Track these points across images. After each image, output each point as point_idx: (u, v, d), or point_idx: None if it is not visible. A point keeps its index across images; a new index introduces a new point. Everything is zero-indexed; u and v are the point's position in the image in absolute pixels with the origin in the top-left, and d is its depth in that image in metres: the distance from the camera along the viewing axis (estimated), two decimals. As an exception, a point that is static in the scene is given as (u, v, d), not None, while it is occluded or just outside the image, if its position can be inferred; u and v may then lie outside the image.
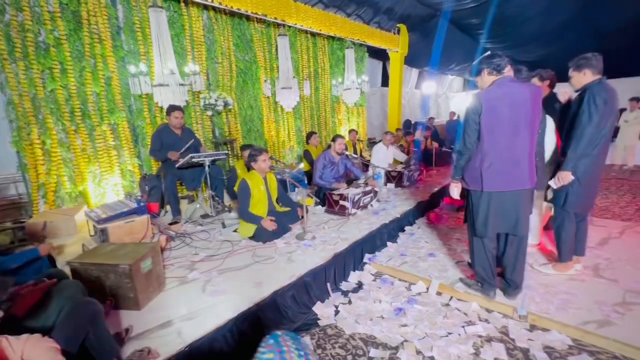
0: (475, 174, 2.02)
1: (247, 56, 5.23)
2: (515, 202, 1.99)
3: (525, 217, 2.04)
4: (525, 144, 1.95)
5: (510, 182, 1.96)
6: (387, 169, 4.81)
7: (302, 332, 2.05)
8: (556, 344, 1.87)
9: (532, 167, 1.99)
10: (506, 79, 1.95)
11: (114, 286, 1.88)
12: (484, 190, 2.00)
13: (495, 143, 1.94)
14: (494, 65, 1.95)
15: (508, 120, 1.90)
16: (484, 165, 1.97)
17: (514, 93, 1.91)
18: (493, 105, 1.91)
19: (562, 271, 2.45)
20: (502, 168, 1.95)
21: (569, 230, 2.35)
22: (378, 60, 9.35)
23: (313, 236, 2.96)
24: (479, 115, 1.93)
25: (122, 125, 3.86)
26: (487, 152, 1.96)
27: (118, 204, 2.81)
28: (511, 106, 1.90)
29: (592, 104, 2.07)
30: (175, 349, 1.61)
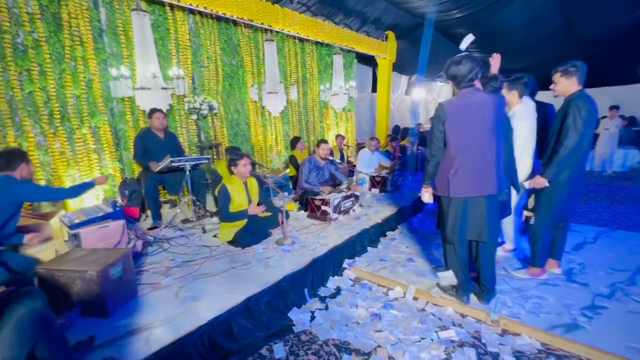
0: (443, 180, 2.07)
1: (234, 60, 5.23)
2: (481, 208, 2.02)
3: (493, 223, 2.07)
4: (488, 152, 1.98)
5: (476, 189, 1.99)
6: (372, 174, 4.84)
7: (276, 339, 2.04)
8: (525, 348, 1.89)
9: (497, 174, 2.02)
10: (470, 89, 1.99)
11: (81, 293, 1.84)
12: (451, 197, 2.03)
13: (460, 150, 1.99)
14: (456, 79, 1.99)
15: (471, 128, 1.96)
16: (450, 171, 2.02)
17: (476, 103, 1.96)
18: (456, 114, 1.96)
19: (535, 276, 2.48)
20: (467, 175, 1.99)
21: (546, 237, 2.40)
22: (368, 67, 9.46)
23: (292, 241, 2.95)
24: (443, 124, 1.99)
25: (103, 128, 3.81)
26: (452, 159, 2.01)
27: (93, 209, 2.77)
28: (473, 115, 1.95)
29: (578, 117, 2.11)
30: (141, 357, 1.58)
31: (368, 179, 4.81)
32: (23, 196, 2.09)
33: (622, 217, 4.00)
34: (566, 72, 2.22)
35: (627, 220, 3.88)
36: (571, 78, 2.21)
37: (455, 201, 2.04)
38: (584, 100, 2.14)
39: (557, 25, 6.98)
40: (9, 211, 1.99)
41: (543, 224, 2.37)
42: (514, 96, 2.56)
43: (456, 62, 1.97)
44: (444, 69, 2.03)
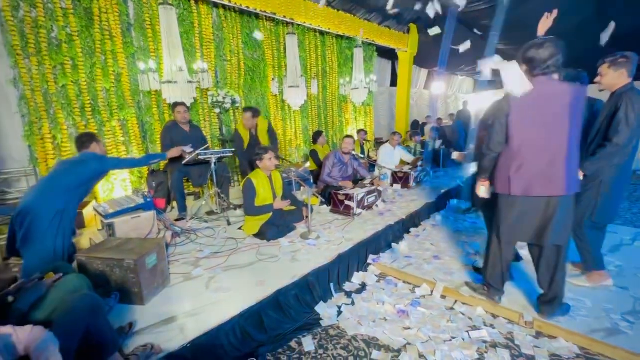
0: (503, 177, 1.91)
1: (256, 54, 5.24)
2: (547, 209, 1.83)
3: (562, 225, 1.85)
4: (559, 148, 1.77)
5: (541, 188, 1.81)
6: (394, 169, 4.77)
7: (304, 332, 2.05)
8: (563, 351, 1.83)
9: (568, 173, 1.79)
10: (545, 78, 1.76)
11: (119, 281, 1.90)
12: (512, 195, 1.87)
13: (525, 146, 1.81)
14: (534, 65, 1.75)
15: (540, 122, 1.76)
16: (512, 168, 1.85)
17: (549, 94, 1.76)
18: (523, 106, 1.77)
19: (598, 283, 2.31)
20: (532, 172, 1.81)
21: (594, 238, 2.27)
22: (387, 60, 9.29)
23: (317, 236, 2.95)
24: (507, 116, 1.81)
25: (131, 121, 3.90)
26: (515, 155, 1.84)
27: (125, 200, 2.84)
28: (545, 108, 1.76)
29: (631, 112, 1.96)
30: (178, 345, 1.62)
31: (390, 174, 4.75)
32: (107, 164, 2.43)
33: (660, 219, 3.81)
34: (615, 63, 2.06)
35: (666, 222, 3.70)
36: (620, 70, 2.06)
37: (515, 200, 1.88)
38: (636, 93, 1.99)
39: (587, 16, 6.63)
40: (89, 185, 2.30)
41: (587, 225, 2.24)
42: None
43: (538, 44, 1.74)
44: (522, 50, 1.80)
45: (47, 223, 1.99)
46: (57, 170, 2.20)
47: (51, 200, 2.03)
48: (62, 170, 2.17)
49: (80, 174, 2.19)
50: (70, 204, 2.12)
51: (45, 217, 1.99)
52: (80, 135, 2.48)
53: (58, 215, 2.04)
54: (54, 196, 2.05)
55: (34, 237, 1.96)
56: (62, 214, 2.06)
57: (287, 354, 1.88)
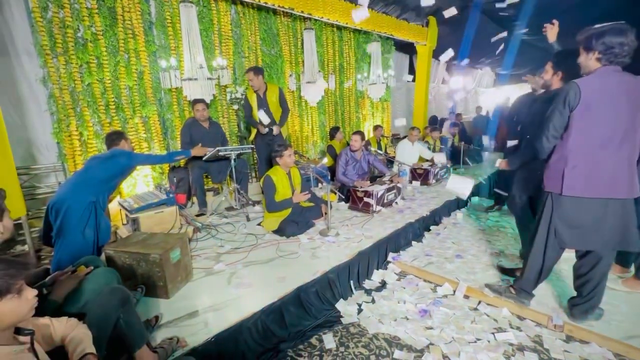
0: (556, 173, 1.75)
1: (273, 50, 5.23)
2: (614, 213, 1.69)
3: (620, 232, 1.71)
4: (628, 146, 1.64)
5: (602, 189, 1.67)
6: (413, 166, 4.69)
7: (325, 329, 2.04)
8: (596, 357, 1.75)
9: (632, 175, 1.67)
10: (613, 68, 1.60)
11: (145, 274, 1.95)
12: (564, 195, 1.73)
13: (588, 141, 1.66)
14: (612, 52, 1.57)
15: (609, 117, 1.61)
16: (568, 165, 1.70)
17: (618, 87, 1.61)
18: (593, 98, 1.61)
19: (634, 289, 2.18)
20: (592, 172, 1.67)
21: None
22: (405, 54, 9.11)
23: (337, 233, 2.94)
24: (574, 107, 1.63)
25: (152, 118, 3.98)
26: (574, 151, 1.69)
27: (149, 195, 2.91)
28: (617, 100, 1.60)
29: None
30: (202, 339, 1.64)
31: (409, 170, 4.67)
32: (135, 160, 2.51)
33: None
34: None
35: None
36: None
37: (568, 200, 1.74)
38: None
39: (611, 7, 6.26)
40: (117, 179, 2.40)
41: None
42: None
43: (618, 30, 1.55)
44: (591, 34, 1.61)
45: (79, 215, 2.06)
46: (89, 165, 2.29)
47: (84, 193, 2.11)
48: (94, 165, 2.26)
49: (110, 168, 2.27)
50: (100, 197, 2.20)
51: (78, 209, 2.07)
52: (110, 133, 2.58)
53: (89, 207, 2.12)
54: (86, 189, 2.13)
55: (67, 229, 2.04)
56: (93, 207, 2.13)
57: (308, 351, 1.88)
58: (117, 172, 2.32)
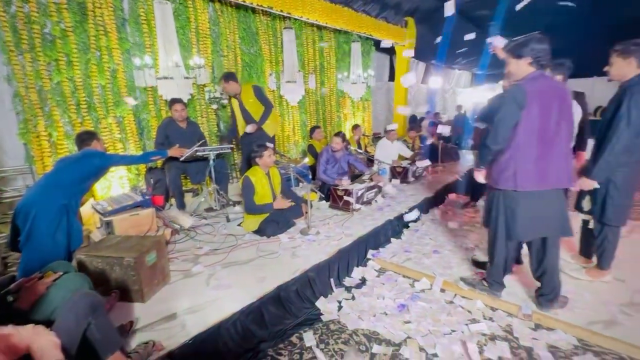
0: (507, 172, 1.86)
1: (253, 49, 5.18)
2: (555, 201, 1.88)
3: (565, 217, 1.92)
4: (563, 142, 1.83)
5: (547, 181, 1.83)
6: (392, 164, 4.77)
7: (305, 327, 2.06)
8: (561, 343, 1.85)
9: (567, 167, 1.87)
10: (541, 72, 1.80)
11: (119, 279, 1.90)
12: (518, 190, 1.85)
13: (532, 139, 1.79)
14: (539, 57, 1.77)
15: (546, 115, 1.77)
16: (519, 162, 1.83)
17: (551, 89, 1.80)
18: (534, 99, 1.75)
19: (596, 278, 2.32)
20: (538, 167, 1.81)
21: (613, 242, 2.22)
22: (385, 54, 9.24)
23: (317, 231, 2.96)
24: (522, 109, 1.75)
25: (127, 118, 3.87)
26: (522, 148, 1.81)
27: (124, 197, 2.83)
28: (552, 101, 1.78)
29: (634, 108, 1.86)
30: (179, 341, 1.62)
31: (388, 169, 4.75)
32: (108, 160, 2.46)
33: (656, 211, 3.84)
34: (624, 51, 1.95)
35: (662, 214, 3.72)
36: (629, 58, 1.93)
37: (524, 195, 1.86)
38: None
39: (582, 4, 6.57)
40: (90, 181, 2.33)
41: (607, 229, 2.20)
42: None
43: (538, 39, 1.78)
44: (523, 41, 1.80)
45: (49, 219, 1.99)
46: (58, 167, 2.20)
47: (54, 196, 2.03)
48: (64, 167, 2.18)
49: (81, 169, 2.20)
50: (72, 199, 2.12)
51: (48, 213, 1.99)
52: (81, 133, 2.49)
53: (60, 210, 2.04)
54: (57, 191, 2.05)
55: (36, 233, 1.96)
56: (64, 210, 2.05)
57: (289, 349, 1.89)
58: (90, 174, 2.25)
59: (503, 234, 1.99)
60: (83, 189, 2.25)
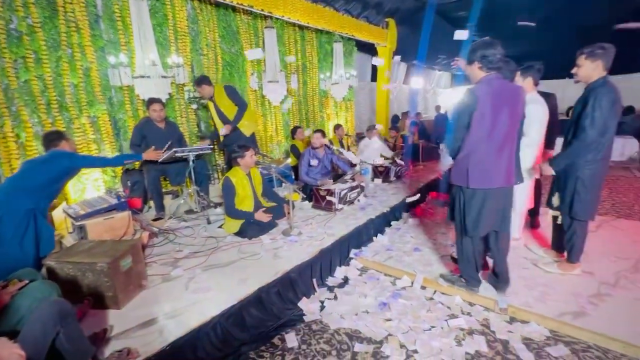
0: (461, 170, 1.99)
1: (234, 48, 5.11)
2: (502, 198, 2.00)
3: (510, 212, 2.08)
4: (511, 143, 1.95)
5: (496, 180, 1.94)
6: (375, 164, 4.82)
7: (287, 329, 2.05)
8: (534, 335, 1.92)
9: (517, 166, 2.01)
10: (494, 75, 1.91)
11: (92, 285, 1.83)
12: (470, 187, 1.96)
13: (484, 140, 1.90)
14: (487, 61, 1.88)
15: (496, 119, 1.87)
16: (471, 161, 1.94)
17: (505, 91, 1.90)
18: (486, 102, 1.85)
19: (567, 271, 2.41)
20: (489, 165, 1.92)
21: (581, 235, 2.32)
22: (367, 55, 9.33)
23: (299, 232, 2.95)
24: (472, 113, 1.87)
25: (102, 118, 3.73)
26: (474, 149, 1.92)
27: (97, 200, 2.73)
28: (502, 104, 1.87)
29: (598, 109, 1.98)
30: (156, 348, 1.58)
31: (371, 169, 4.79)
32: (78, 161, 2.38)
33: (622, 206, 4.05)
34: (592, 54, 2.04)
35: (627, 209, 3.94)
36: (597, 61, 2.03)
37: (477, 192, 1.97)
38: (607, 90, 2.01)
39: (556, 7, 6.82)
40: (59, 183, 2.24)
41: (575, 224, 2.31)
42: (528, 84, 2.52)
43: (488, 43, 1.87)
44: (472, 47, 1.92)
45: (15, 224, 1.89)
46: (24, 169, 2.09)
47: (21, 200, 1.93)
48: (29, 169, 2.08)
49: (49, 171, 2.10)
50: (40, 203, 2.02)
51: (14, 218, 1.89)
52: (48, 133, 2.38)
53: (27, 215, 1.94)
54: (23, 195, 1.95)
55: (1, 240, 1.86)
56: (32, 214, 1.96)
57: (270, 351, 1.88)
58: (58, 176, 2.15)
59: (464, 230, 2.09)
60: (52, 192, 2.15)
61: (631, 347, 1.74)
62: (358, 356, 1.82)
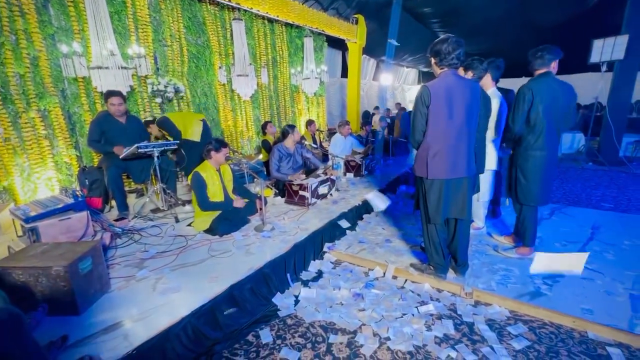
0: (421, 162, 2.10)
1: (200, 40, 4.92)
2: (461, 188, 2.11)
3: (470, 202, 2.19)
4: (465, 136, 2.04)
5: (453, 171, 2.05)
6: (347, 158, 4.87)
7: (262, 325, 2.02)
8: (496, 316, 2.05)
9: (472, 157, 2.12)
10: (451, 71, 2.00)
11: (46, 291, 1.69)
12: (429, 178, 2.08)
13: (440, 133, 2.01)
14: (440, 58, 1.98)
15: (452, 112, 1.97)
16: (430, 153, 2.05)
17: (458, 86, 1.99)
18: (439, 97, 1.96)
19: (525, 255, 2.59)
20: (445, 158, 2.03)
21: (531, 219, 2.52)
22: (337, 50, 9.36)
23: (272, 227, 2.92)
24: (427, 107, 1.99)
25: (54, 112, 3.45)
26: (432, 142, 2.04)
27: (51, 200, 2.52)
28: (456, 98, 1.97)
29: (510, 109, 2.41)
30: (121, 353, 1.49)
31: (343, 163, 4.84)
32: None
33: (571, 194, 4.42)
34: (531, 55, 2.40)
35: (575, 197, 4.29)
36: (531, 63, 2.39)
37: (435, 182, 2.09)
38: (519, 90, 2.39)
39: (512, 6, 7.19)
40: None
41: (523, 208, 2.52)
42: (487, 79, 2.66)
43: (443, 39, 1.95)
44: (431, 45, 2.01)
45: None
46: None
47: None
48: None
49: None
50: None
51: None
52: None
53: None
54: None
55: None
56: None
57: (244, 349, 1.85)
58: None
59: (427, 218, 2.21)
60: None
61: (580, 322, 1.91)
62: (333, 347, 1.84)
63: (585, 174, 5.59)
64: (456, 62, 1.99)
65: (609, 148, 5.96)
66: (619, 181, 5.05)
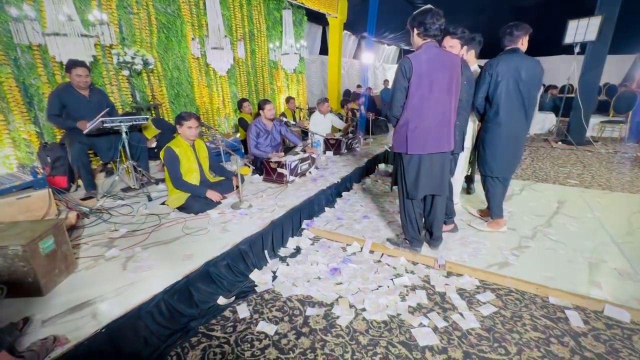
0: (400, 137, 2.07)
1: (170, 9, 4.60)
2: (439, 164, 2.11)
3: (447, 178, 2.21)
4: (446, 110, 2.01)
5: (433, 146, 2.04)
6: (326, 136, 4.82)
7: (239, 301, 2.02)
8: (467, 285, 2.14)
9: (454, 132, 2.12)
10: (432, 44, 1.95)
11: (4, 272, 1.59)
12: (409, 153, 2.07)
13: (420, 107, 1.97)
14: (424, 28, 1.91)
15: (432, 85, 1.93)
16: (409, 128, 2.02)
17: (441, 59, 1.94)
18: (421, 69, 1.91)
19: (495, 228, 2.68)
20: (425, 132, 2.01)
21: (492, 191, 2.60)
22: (318, 26, 9.06)
23: (249, 205, 2.87)
24: (409, 79, 1.93)
25: (7, 83, 3.16)
26: (411, 116, 2.00)
27: (7, 178, 2.34)
28: (438, 71, 1.93)
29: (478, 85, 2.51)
30: (89, 332, 1.44)
31: (322, 141, 4.79)
32: None
33: (541, 172, 4.60)
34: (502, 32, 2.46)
35: (544, 175, 4.48)
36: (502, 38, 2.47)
37: (414, 157, 2.08)
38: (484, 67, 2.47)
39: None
40: None
41: (485, 179, 2.62)
42: (471, 56, 2.63)
43: (426, 10, 1.90)
44: (413, 15, 1.95)
45: None
46: None
47: None
48: None
49: None
50: None
51: None
52: None
53: None
54: None
55: None
56: None
57: (221, 324, 1.84)
58: None
59: (404, 193, 2.22)
60: None
61: (542, 288, 2.02)
62: (310, 319, 1.86)
63: (555, 153, 5.83)
64: (439, 33, 1.94)
65: (578, 128, 6.21)
66: (585, 159, 5.31)
